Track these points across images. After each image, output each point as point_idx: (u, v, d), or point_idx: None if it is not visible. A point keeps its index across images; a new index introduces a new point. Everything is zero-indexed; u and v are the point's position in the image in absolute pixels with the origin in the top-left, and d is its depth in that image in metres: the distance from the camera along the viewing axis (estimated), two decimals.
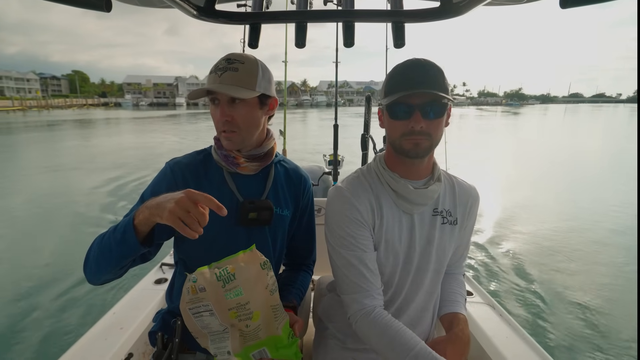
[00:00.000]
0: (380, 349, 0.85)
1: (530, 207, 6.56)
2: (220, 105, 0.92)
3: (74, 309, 3.33)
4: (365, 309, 0.88)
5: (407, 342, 0.81)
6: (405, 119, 0.84)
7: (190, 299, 0.80)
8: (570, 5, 0.87)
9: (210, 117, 0.98)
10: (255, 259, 0.85)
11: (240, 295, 0.80)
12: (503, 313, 1.39)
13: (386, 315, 0.87)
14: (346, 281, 0.91)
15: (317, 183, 2.20)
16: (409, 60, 0.87)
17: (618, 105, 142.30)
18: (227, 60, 0.91)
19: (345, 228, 0.90)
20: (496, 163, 11.76)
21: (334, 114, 2.84)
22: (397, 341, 0.82)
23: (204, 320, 0.81)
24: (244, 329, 0.83)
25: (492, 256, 4.46)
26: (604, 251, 4.63)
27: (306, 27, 1.29)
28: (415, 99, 0.82)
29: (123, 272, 0.87)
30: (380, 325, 0.85)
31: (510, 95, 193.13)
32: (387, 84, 0.88)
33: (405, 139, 0.85)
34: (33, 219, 5.97)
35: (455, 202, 0.98)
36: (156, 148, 14.74)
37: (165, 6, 1.14)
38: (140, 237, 0.77)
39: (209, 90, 0.91)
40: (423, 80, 0.81)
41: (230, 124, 0.92)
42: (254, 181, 1.01)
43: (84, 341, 1.15)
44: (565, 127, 31.91)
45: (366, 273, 0.89)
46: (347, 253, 0.90)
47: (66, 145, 16.55)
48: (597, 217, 5.95)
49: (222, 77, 0.90)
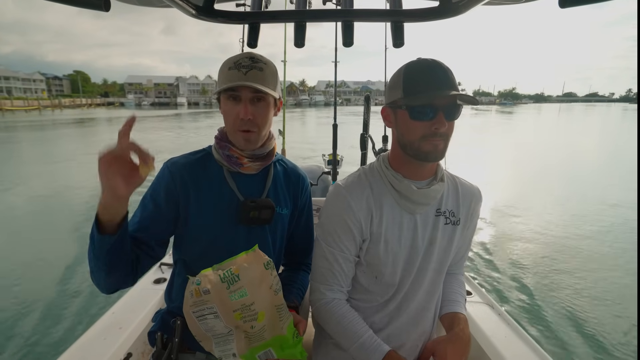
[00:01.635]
0: (335, 334, 0.94)
1: (529, 206, 6.56)
2: (244, 103, 0.89)
3: (74, 308, 3.30)
4: (324, 299, 0.95)
5: (358, 330, 0.90)
6: (428, 120, 0.81)
7: (194, 302, 0.77)
8: (570, 5, 0.86)
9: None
10: (258, 259, 0.83)
11: (245, 296, 0.78)
12: (502, 313, 1.37)
13: (344, 306, 0.94)
14: (317, 271, 0.97)
15: (317, 183, 2.17)
16: (424, 60, 0.84)
17: (611, 104, 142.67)
18: (251, 58, 0.90)
19: (334, 226, 0.92)
20: (488, 161, 11.83)
21: (331, 113, 2.82)
22: (349, 329, 0.90)
23: (208, 323, 0.79)
24: (249, 330, 0.81)
25: (491, 255, 4.45)
26: (604, 250, 4.63)
27: (305, 26, 1.27)
28: (440, 100, 0.80)
29: (129, 274, 0.85)
30: (337, 314, 0.93)
31: (504, 94, 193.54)
32: (406, 84, 0.83)
33: (425, 141, 0.83)
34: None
35: (459, 203, 0.97)
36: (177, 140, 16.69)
37: (164, 5, 1.11)
38: (110, 228, 0.74)
39: (234, 86, 0.87)
40: (447, 81, 0.80)
41: (252, 123, 0.90)
42: (254, 180, 1.00)
43: (83, 341, 1.13)
44: (551, 122, 33.21)
45: (336, 271, 0.94)
46: (327, 248, 0.94)
47: (102, 138, 18.54)
48: (597, 216, 5.95)
49: (247, 75, 0.88)
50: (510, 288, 3.68)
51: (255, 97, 0.89)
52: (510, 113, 55.79)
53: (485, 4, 1.09)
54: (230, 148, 0.95)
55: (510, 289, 3.66)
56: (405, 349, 0.98)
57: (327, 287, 0.95)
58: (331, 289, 0.95)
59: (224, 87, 0.88)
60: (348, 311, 0.93)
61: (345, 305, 0.94)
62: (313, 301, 0.98)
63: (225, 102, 0.91)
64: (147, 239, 0.90)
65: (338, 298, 0.95)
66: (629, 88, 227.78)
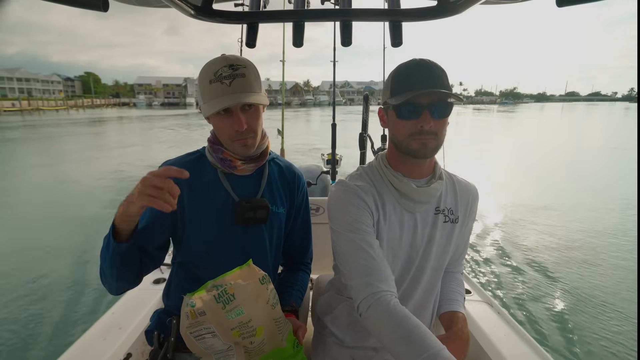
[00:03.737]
0: (392, 341, 0.70)
1: (528, 205, 6.48)
2: (235, 115, 0.86)
3: (73, 307, 3.28)
4: (379, 292, 0.75)
5: (429, 341, 0.67)
6: (413, 119, 0.81)
7: (190, 324, 0.75)
8: (567, 4, 0.85)
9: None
10: (253, 275, 0.81)
11: (242, 314, 0.76)
12: (501, 311, 1.35)
13: (399, 306, 0.74)
14: (354, 265, 0.81)
15: (316, 182, 2.14)
16: (413, 60, 0.84)
17: (613, 103, 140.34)
18: (230, 66, 0.85)
19: (351, 214, 0.85)
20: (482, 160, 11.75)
21: (337, 112, 2.78)
22: (415, 336, 0.67)
23: (207, 342, 0.77)
24: (248, 346, 0.80)
25: (490, 254, 4.40)
26: (603, 249, 4.54)
27: (304, 26, 1.25)
28: (424, 98, 0.80)
29: (135, 278, 0.87)
30: (398, 315, 0.71)
31: (506, 94, 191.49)
32: (393, 84, 0.85)
33: (413, 139, 0.83)
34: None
35: (457, 201, 0.96)
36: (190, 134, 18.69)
37: (162, 5, 1.09)
38: (124, 235, 0.77)
39: (227, 107, 0.84)
40: (430, 80, 0.80)
41: (247, 131, 0.88)
42: (249, 180, 0.98)
43: (82, 341, 1.12)
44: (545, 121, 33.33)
45: (375, 256, 0.81)
46: (354, 236, 0.82)
47: (156, 131, 21.39)
48: (596, 214, 5.86)
49: (232, 86, 0.84)
50: (510, 286, 3.63)
51: (246, 105, 0.87)
52: (509, 112, 55.28)
53: (482, 3, 1.08)
54: (224, 151, 0.94)
55: (509, 288, 3.61)
56: None
57: (375, 277, 0.77)
58: (382, 279, 0.77)
59: (215, 109, 0.84)
60: (407, 315, 0.72)
61: (401, 306, 0.74)
62: (364, 301, 0.76)
63: (215, 117, 0.88)
64: (149, 244, 0.89)
65: (392, 292, 0.77)
66: (631, 87, 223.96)
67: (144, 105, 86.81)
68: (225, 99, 0.84)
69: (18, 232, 5.19)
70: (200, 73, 0.88)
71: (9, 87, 74.55)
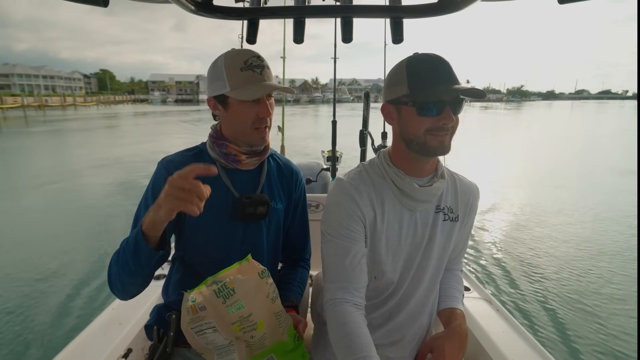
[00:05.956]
0: (333, 341, 0.78)
1: (527, 204, 6.37)
2: (263, 102, 0.88)
3: (73, 306, 3.23)
4: (336, 299, 0.81)
5: (362, 345, 0.73)
6: (436, 116, 0.77)
7: (191, 319, 0.75)
8: (568, 1, 0.82)
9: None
10: (252, 269, 0.80)
11: (242, 308, 0.75)
12: (500, 308, 1.33)
13: (354, 312, 0.80)
14: (329, 269, 0.86)
15: (316, 179, 2.10)
16: (424, 55, 0.80)
17: (624, 101, 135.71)
18: (258, 57, 0.88)
19: (340, 219, 0.85)
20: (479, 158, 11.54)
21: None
22: (350, 339, 0.74)
23: (208, 337, 0.76)
24: (249, 340, 0.79)
25: (489, 252, 4.33)
26: (603, 248, 4.43)
27: (304, 22, 1.23)
28: (447, 95, 0.77)
29: (149, 279, 0.84)
30: (342, 319, 0.78)
31: (512, 92, 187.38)
32: (412, 80, 0.78)
33: (430, 135, 0.79)
34: None
35: (457, 199, 0.93)
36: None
37: (162, 1, 1.07)
38: (153, 243, 0.74)
39: (266, 93, 0.86)
40: (452, 76, 0.77)
41: (268, 119, 0.91)
42: (248, 176, 0.97)
43: (83, 337, 1.11)
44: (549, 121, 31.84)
45: (349, 265, 0.82)
46: (336, 242, 0.84)
47: (187, 125, 23.70)
48: (596, 212, 5.73)
49: (262, 74, 0.86)
50: (509, 284, 3.57)
51: (269, 95, 0.89)
52: (511, 110, 54.05)
53: (483, 0, 1.05)
54: (228, 146, 0.92)
55: (508, 285, 3.55)
56: (403, 343, 0.95)
57: (338, 286, 0.82)
58: (344, 288, 0.82)
59: (256, 95, 0.84)
60: (354, 320, 0.78)
61: (355, 313, 0.80)
62: (324, 303, 0.84)
63: (239, 104, 0.87)
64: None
65: (353, 302, 0.81)
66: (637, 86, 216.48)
67: (159, 101, 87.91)
68: (262, 86, 0.85)
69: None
70: (225, 61, 0.87)
71: (35, 84, 76.66)
